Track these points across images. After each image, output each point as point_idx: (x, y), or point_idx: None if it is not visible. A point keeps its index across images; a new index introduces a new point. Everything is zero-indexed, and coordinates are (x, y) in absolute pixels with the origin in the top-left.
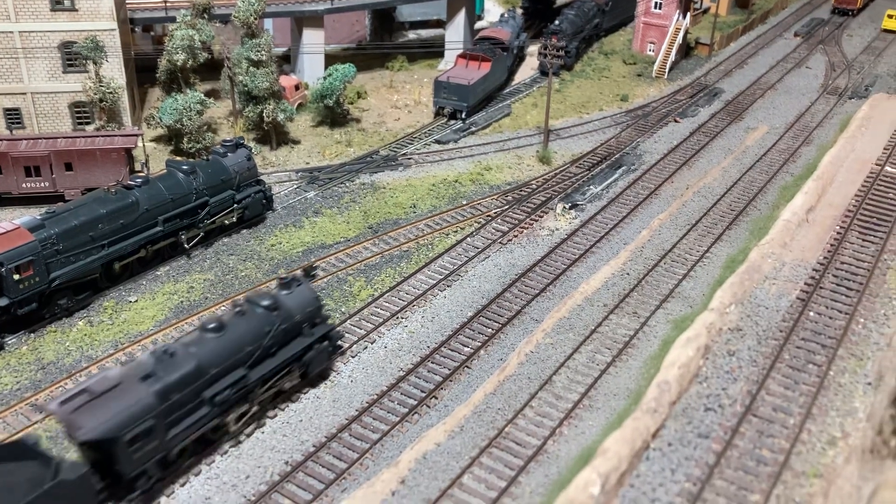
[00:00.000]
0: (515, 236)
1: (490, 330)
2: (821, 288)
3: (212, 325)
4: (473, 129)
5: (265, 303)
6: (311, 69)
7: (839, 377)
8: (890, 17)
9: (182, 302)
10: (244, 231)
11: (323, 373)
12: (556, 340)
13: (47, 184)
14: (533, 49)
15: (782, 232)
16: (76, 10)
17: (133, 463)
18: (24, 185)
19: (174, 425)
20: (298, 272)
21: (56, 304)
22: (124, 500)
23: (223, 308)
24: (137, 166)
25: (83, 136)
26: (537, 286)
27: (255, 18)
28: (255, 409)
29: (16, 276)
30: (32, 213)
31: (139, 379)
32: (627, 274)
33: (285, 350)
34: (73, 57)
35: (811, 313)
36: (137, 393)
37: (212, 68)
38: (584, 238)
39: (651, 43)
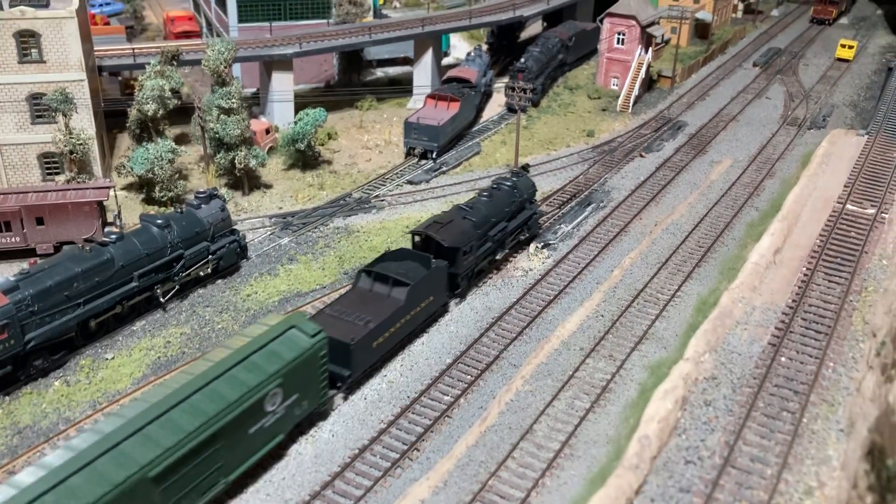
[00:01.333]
0: (490, 278)
1: (469, 377)
2: (791, 332)
3: (485, 193)
4: (444, 168)
5: (508, 184)
6: (281, 112)
7: (812, 424)
8: (842, 46)
9: (159, 357)
10: (219, 281)
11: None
12: (535, 387)
13: (18, 239)
14: (500, 84)
15: (751, 275)
16: (44, 62)
17: (462, 267)
18: None
19: (478, 249)
20: (519, 168)
21: (31, 365)
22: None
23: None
24: (110, 218)
25: (54, 190)
26: (514, 329)
27: (226, 67)
28: (506, 251)
29: None
30: (2, 269)
31: (461, 218)
32: (601, 316)
33: (520, 216)
34: (42, 109)
35: (783, 359)
36: (464, 225)
37: (181, 112)
38: (557, 278)
39: (615, 77)
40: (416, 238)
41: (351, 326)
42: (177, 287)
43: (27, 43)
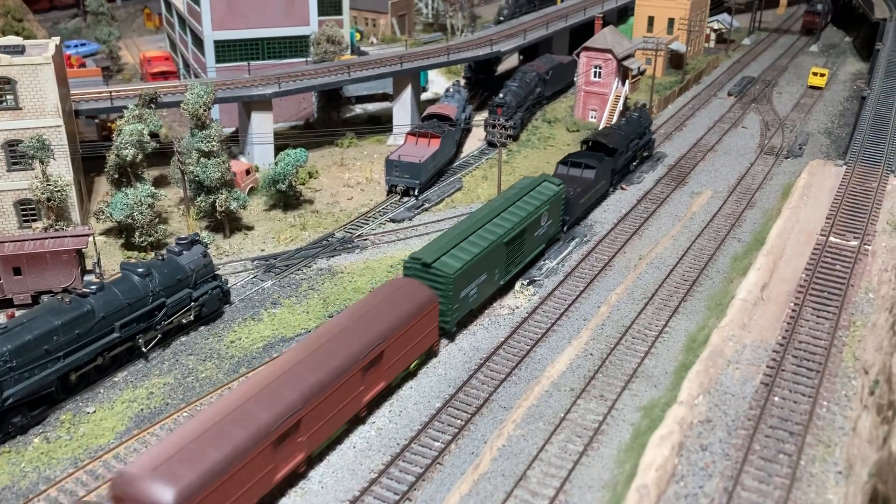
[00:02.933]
0: (477, 317)
1: (459, 421)
2: (782, 371)
3: (623, 120)
4: (427, 205)
5: (636, 114)
6: (261, 152)
7: (810, 466)
8: (814, 74)
9: (142, 410)
10: (202, 328)
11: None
12: (526, 431)
13: None
14: (479, 119)
15: (740, 312)
16: (20, 109)
17: (618, 164)
18: None
19: (625, 153)
20: (641, 105)
21: (10, 422)
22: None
23: (186, 414)
24: (89, 265)
25: (32, 239)
26: (503, 370)
27: (205, 110)
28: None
29: None
30: None
31: (615, 132)
32: (591, 354)
33: (644, 137)
34: (18, 156)
35: (776, 398)
36: (618, 136)
37: (159, 153)
38: (544, 316)
39: (592, 110)
40: (587, 145)
41: (568, 190)
42: (159, 336)
43: (2, 90)
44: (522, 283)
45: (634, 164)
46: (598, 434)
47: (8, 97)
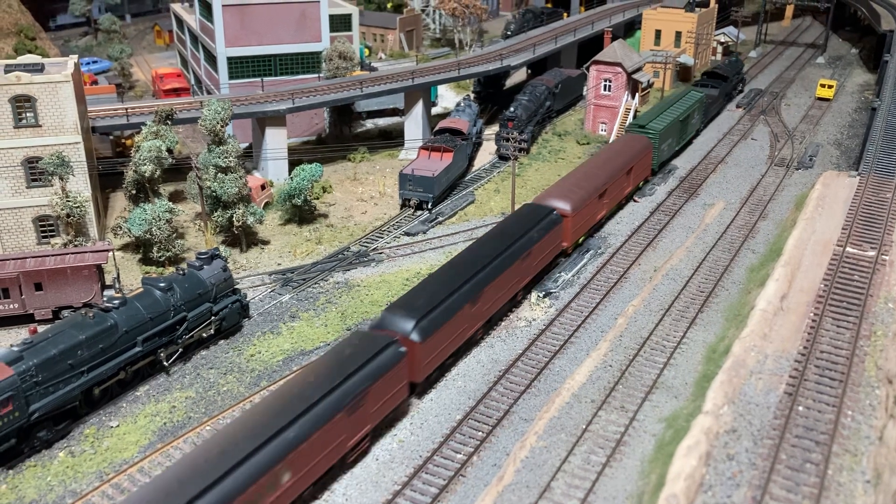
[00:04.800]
0: (494, 329)
1: (481, 433)
2: (805, 380)
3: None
4: (440, 218)
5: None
6: (276, 167)
7: (838, 476)
8: (822, 86)
9: (165, 423)
10: (222, 342)
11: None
12: (549, 443)
13: (16, 305)
14: (489, 133)
15: (760, 322)
16: (40, 126)
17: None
18: None
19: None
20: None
21: (35, 436)
22: None
23: (208, 428)
24: (108, 280)
25: (52, 255)
26: (522, 382)
27: (222, 126)
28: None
29: None
30: (1, 335)
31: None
32: (610, 366)
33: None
34: (37, 172)
35: (800, 408)
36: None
37: (173, 168)
38: (561, 328)
39: (602, 123)
40: (707, 75)
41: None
42: (180, 350)
43: (22, 107)
44: (539, 296)
45: (735, 92)
46: (620, 445)
47: (28, 114)
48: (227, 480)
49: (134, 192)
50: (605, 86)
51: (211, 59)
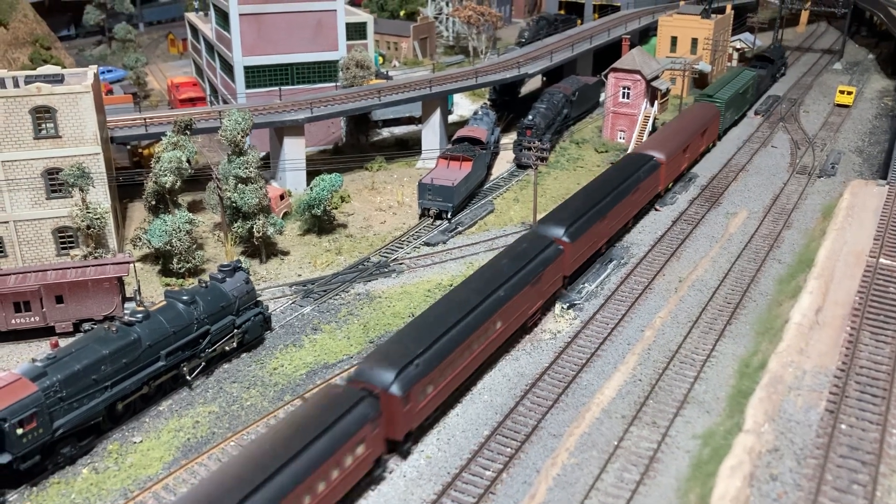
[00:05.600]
0: (519, 342)
1: (509, 449)
2: (847, 397)
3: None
4: (460, 228)
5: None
6: (294, 176)
7: (887, 498)
8: (841, 92)
9: (189, 439)
10: (244, 355)
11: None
12: (580, 460)
13: (37, 318)
14: (505, 141)
15: (796, 337)
16: (60, 137)
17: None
18: (13, 322)
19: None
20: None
21: (59, 453)
22: None
23: (232, 444)
24: (129, 292)
25: (73, 267)
26: (550, 397)
27: (243, 136)
28: None
29: (19, 431)
30: (21, 351)
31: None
32: (639, 380)
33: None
34: (57, 184)
35: (843, 426)
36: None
37: (191, 179)
38: (587, 341)
39: (621, 131)
40: (756, 58)
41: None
42: (203, 364)
43: (42, 118)
44: (563, 307)
45: (779, 74)
46: (653, 462)
47: (48, 125)
48: None
49: (154, 202)
50: (623, 93)
51: (227, 67)
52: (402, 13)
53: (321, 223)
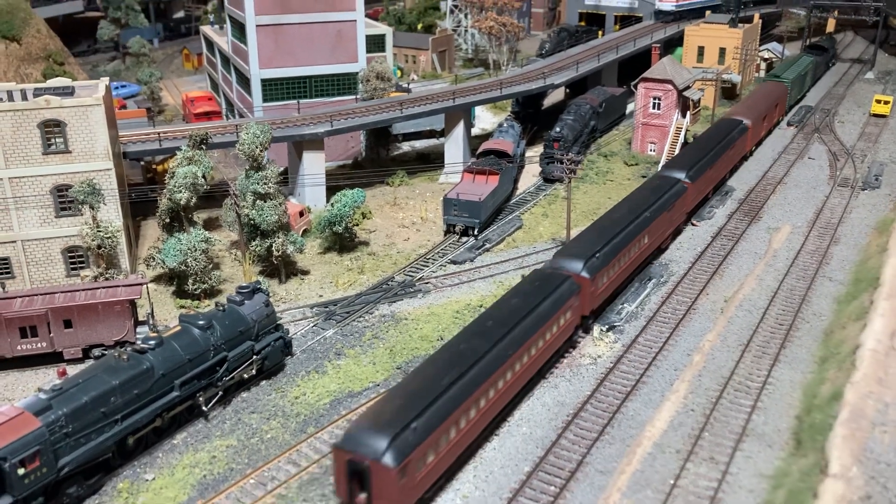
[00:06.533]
0: (557, 367)
1: (553, 488)
2: None
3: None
4: (488, 245)
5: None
6: (313, 192)
7: None
8: (878, 102)
9: (205, 476)
10: (264, 383)
11: None
12: (635, 501)
13: (44, 344)
14: (530, 154)
15: (873, 365)
16: (70, 152)
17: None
18: (18, 347)
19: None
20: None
21: (65, 493)
22: None
23: (252, 482)
24: (141, 315)
25: (83, 289)
26: (594, 429)
27: (262, 150)
28: None
29: (20, 471)
30: (27, 379)
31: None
32: (692, 410)
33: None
34: (67, 201)
35: None
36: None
37: (206, 195)
38: (630, 366)
39: (651, 143)
40: (813, 46)
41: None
42: (220, 393)
43: (52, 132)
44: (602, 329)
45: (830, 63)
46: None
47: (57, 140)
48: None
49: (168, 220)
50: (654, 104)
51: (244, 81)
52: (419, 26)
53: (342, 241)
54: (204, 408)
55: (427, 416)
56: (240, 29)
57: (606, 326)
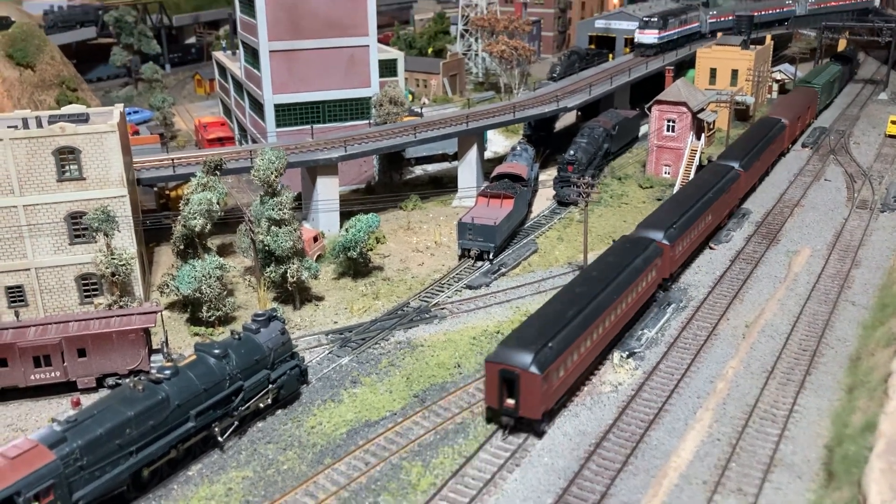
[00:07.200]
0: (577, 395)
1: None
2: None
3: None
4: (503, 270)
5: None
6: (327, 217)
7: None
8: (893, 122)
9: None
10: (279, 412)
11: None
12: None
13: (58, 373)
14: (544, 177)
15: None
16: (84, 179)
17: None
18: (32, 377)
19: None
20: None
21: None
22: None
23: None
24: (156, 343)
25: (97, 318)
26: (617, 459)
27: (276, 176)
28: None
29: None
30: (40, 409)
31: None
32: (718, 440)
33: None
34: (81, 228)
35: None
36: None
37: (221, 222)
38: (652, 394)
39: (666, 165)
40: (834, 56)
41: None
42: (236, 423)
43: (66, 160)
44: (622, 356)
45: (853, 73)
46: None
47: (72, 167)
48: None
49: (182, 247)
50: (668, 126)
51: (257, 106)
52: (430, 50)
53: (357, 266)
54: (220, 438)
55: (558, 339)
56: (253, 55)
57: (627, 353)
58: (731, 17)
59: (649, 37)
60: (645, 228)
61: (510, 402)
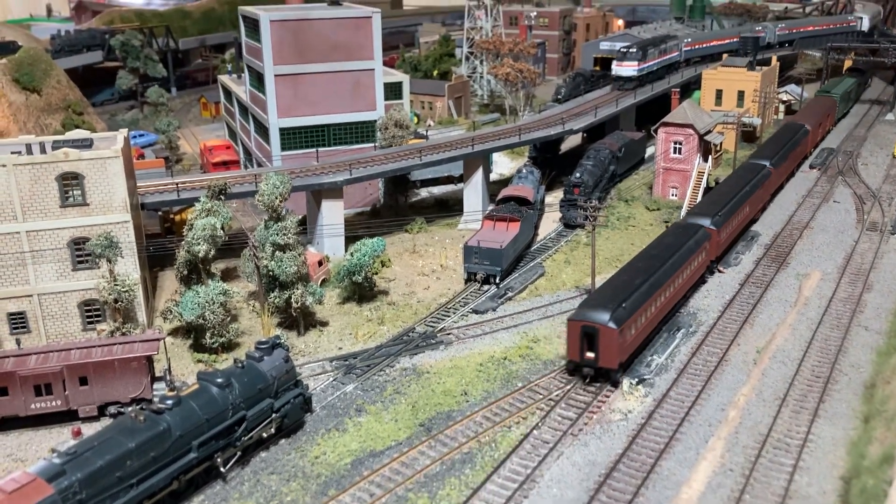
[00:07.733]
0: (586, 424)
1: None
2: None
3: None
4: (510, 294)
5: None
6: (332, 241)
7: None
8: None
9: None
10: (283, 441)
11: None
12: None
13: (59, 402)
14: (549, 199)
15: None
16: (87, 205)
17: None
18: (33, 406)
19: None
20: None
21: None
22: None
23: None
24: (158, 370)
25: (99, 345)
26: (628, 490)
27: (281, 201)
28: None
29: None
30: (40, 439)
31: None
32: (730, 470)
33: None
34: (84, 254)
35: None
36: None
37: (226, 247)
38: (663, 422)
39: (673, 188)
40: (852, 69)
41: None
42: (238, 453)
43: (69, 185)
44: (631, 383)
45: (867, 85)
46: None
47: (75, 192)
48: None
49: (186, 272)
50: (675, 148)
51: (262, 130)
52: (434, 73)
53: (362, 290)
54: (222, 469)
55: (629, 301)
56: (258, 78)
57: (636, 380)
58: (704, 45)
59: (628, 69)
60: (693, 216)
61: (590, 354)
